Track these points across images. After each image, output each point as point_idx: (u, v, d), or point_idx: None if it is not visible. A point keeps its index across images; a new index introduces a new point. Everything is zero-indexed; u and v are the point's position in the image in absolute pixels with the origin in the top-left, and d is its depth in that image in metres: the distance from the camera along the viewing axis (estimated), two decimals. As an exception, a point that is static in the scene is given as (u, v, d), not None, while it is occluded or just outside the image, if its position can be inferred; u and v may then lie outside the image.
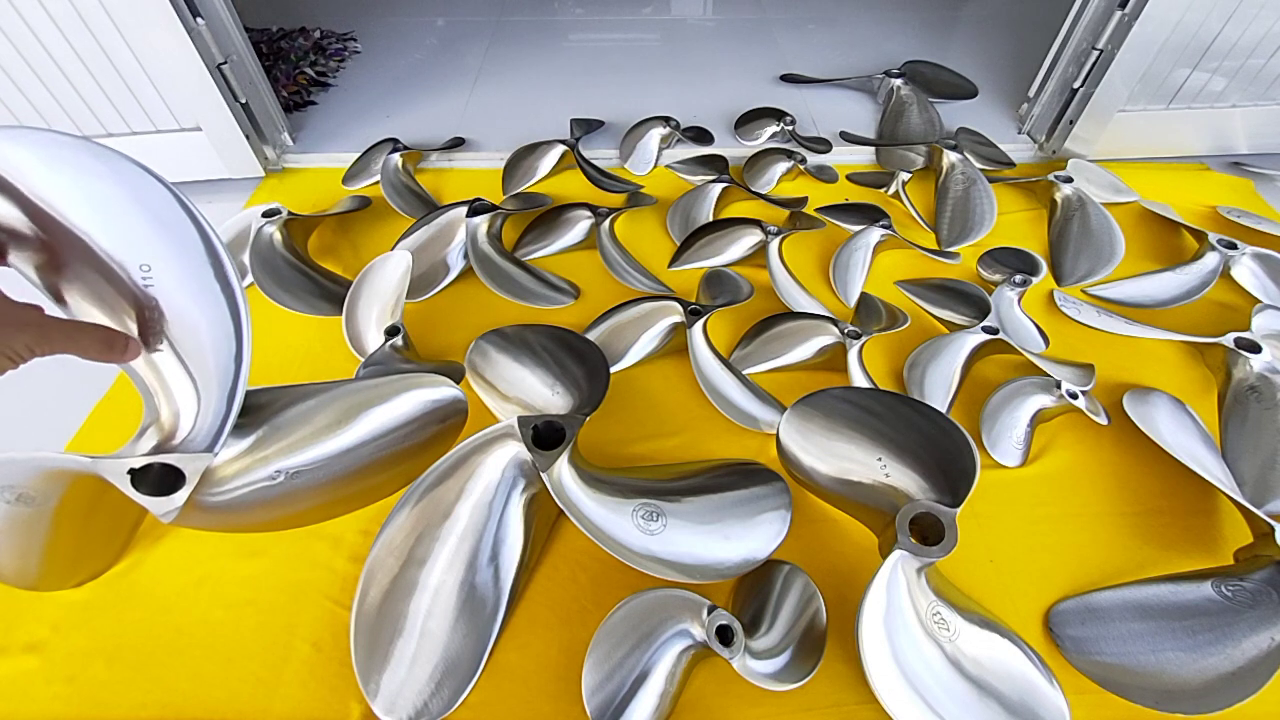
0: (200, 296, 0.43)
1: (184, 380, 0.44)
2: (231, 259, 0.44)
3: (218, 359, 0.44)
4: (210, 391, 0.44)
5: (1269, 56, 0.94)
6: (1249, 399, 0.68)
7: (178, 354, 0.44)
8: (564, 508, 0.51)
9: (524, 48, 1.43)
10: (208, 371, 0.44)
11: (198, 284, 0.43)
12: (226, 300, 0.43)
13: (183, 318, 0.43)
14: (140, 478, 0.43)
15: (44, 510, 0.48)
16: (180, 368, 0.44)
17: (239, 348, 0.44)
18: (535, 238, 0.91)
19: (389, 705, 0.49)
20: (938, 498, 0.51)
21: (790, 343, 0.74)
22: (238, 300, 0.44)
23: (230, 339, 0.44)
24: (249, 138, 1.00)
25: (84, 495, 0.48)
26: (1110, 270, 0.85)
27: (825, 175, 1.04)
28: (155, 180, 0.42)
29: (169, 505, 0.44)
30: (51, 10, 0.83)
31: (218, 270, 0.43)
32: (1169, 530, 0.61)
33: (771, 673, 0.48)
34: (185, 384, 0.44)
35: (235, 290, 0.44)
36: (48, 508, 0.48)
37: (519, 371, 0.67)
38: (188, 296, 0.43)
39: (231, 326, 0.44)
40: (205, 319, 0.44)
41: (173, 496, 0.44)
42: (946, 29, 1.49)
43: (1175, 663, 0.51)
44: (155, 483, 0.44)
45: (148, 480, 0.44)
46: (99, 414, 0.70)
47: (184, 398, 0.45)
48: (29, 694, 0.52)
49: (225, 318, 0.44)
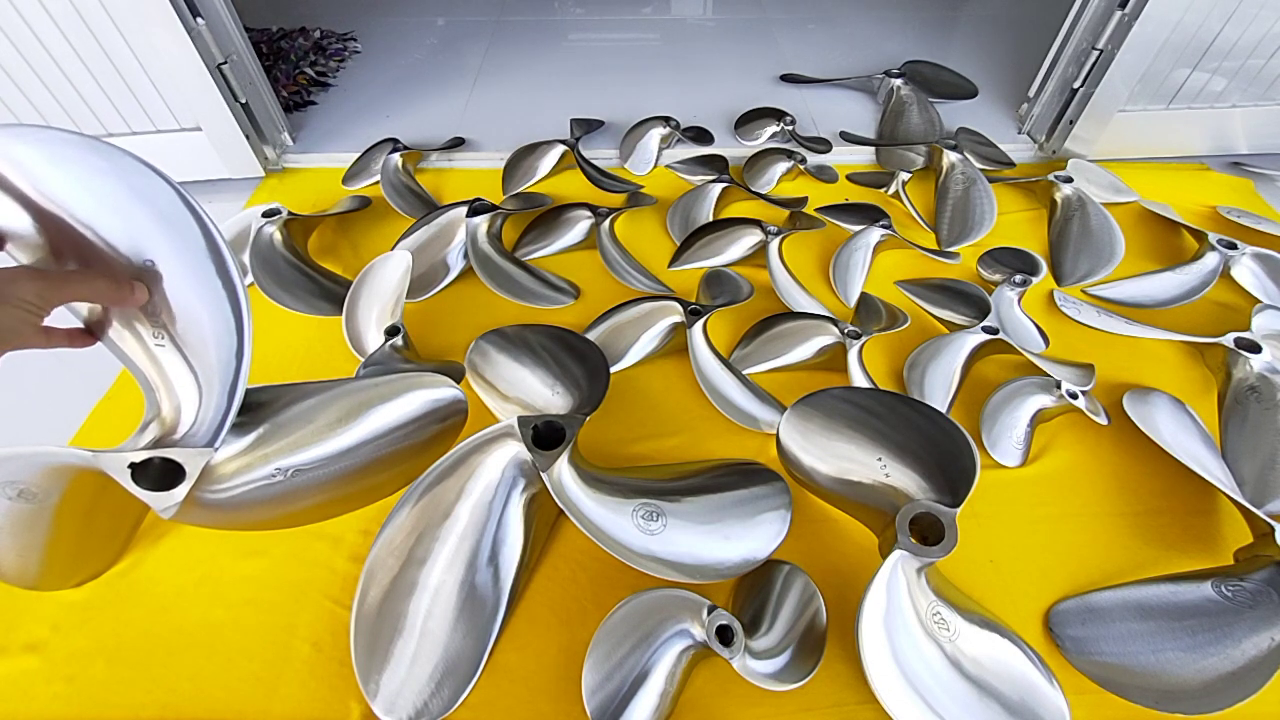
0: (203, 292, 0.43)
1: (186, 375, 0.44)
2: (234, 256, 0.44)
3: (219, 354, 0.44)
4: (212, 386, 0.44)
5: (1269, 56, 0.94)
6: (1249, 399, 0.68)
7: (180, 348, 0.44)
8: (564, 508, 0.51)
9: (524, 48, 1.43)
10: (210, 366, 0.44)
11: (200, 280, 0.43)
12: (229, 296, 0.44)
13: (185, 313, 0.44)
14: (141, 473, 0.43)
15: (45, 507, 0.48)
16: (182, 362, 0.44)
17: (240, 344, 0.44)
18: (535, 238, 0.91)
19: (389, 705, 0.49)
20: (938, 498, 0.51)
21: (790, 343, 0.74)
22: (239, 297, 0.44)
23: (232, 335, 0.44)
24: (249, 138, 1.00)
25: (85, 493, 0.48)
26: (1110, 270, 0.85)
27: (825, 175, 1.04)
28: (159, 177, 0.42)
29: (169, 500, 0.44)
30: (51, 10, 0.83)
31: (220, 267, 0.43)
32: (1169, 530, 0.61)
33: (771, 673, 0.48)
34: (187, 379, 0.44)
35: (237, 286, 0.44)
36: (48, 504, 0.48)
37: (519, 371, 0.67)
38: (190, 292, 0.43)
39: (233, 322, 0.44)
40: (207, 314, 0.44)
41: (173, 492, 0.44)
42: (946, 29, 1.49)
43: (1175, 663, 0.51)
44: (156, 478, 0.44)
45: (148, 475, 0.44)
46: (99, 413, 0.70)
47: (186, 393, 0.45)
48: (29, 694, 0.52)
49: (227, 313, 0.44)
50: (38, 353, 0.42)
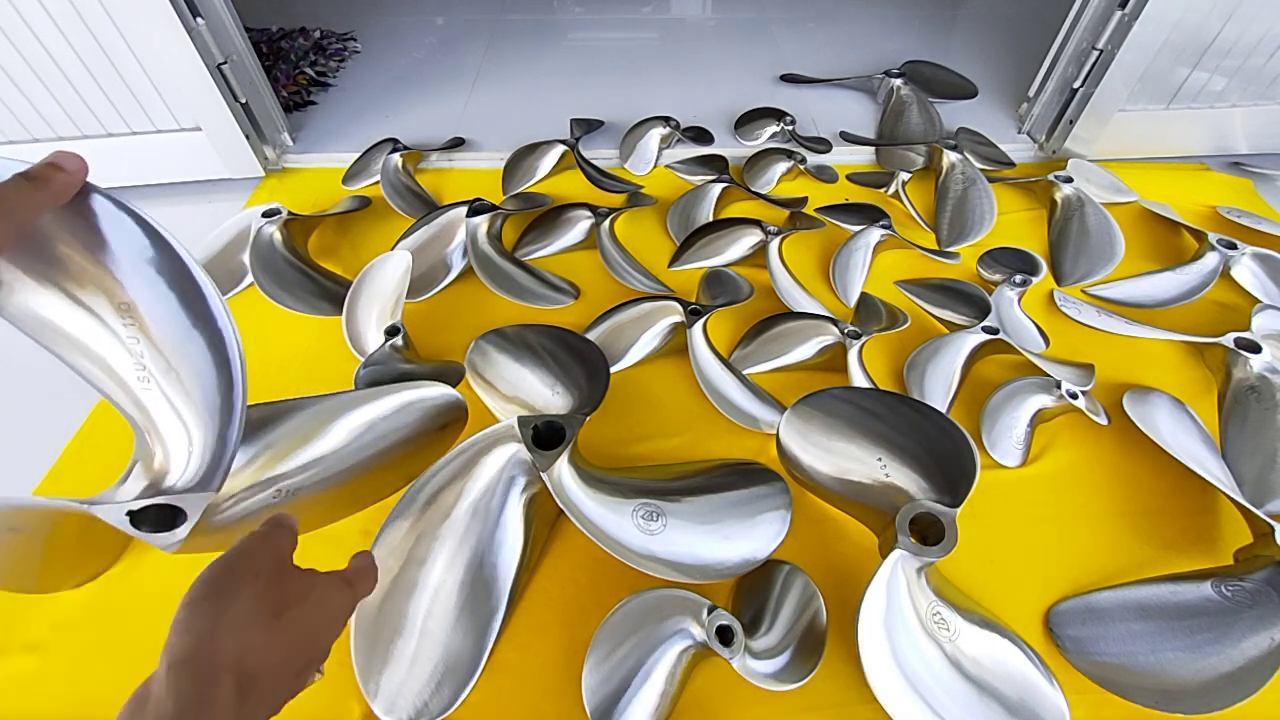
0: (187, 337, 0.41)
1: (173, 417, 0.42)
2: (220, 296, 0.41)
3: (207, 397, 0.42)
4: (205, 429, 0.43)
5: (1269, 56, 0.94)
6: (1249, 399, 0.68)
7: (165, 394, 0.42)
8: (564, 508, 0.51)
9: (524, 47, 1.43)
10: (198, 408, 0.42)
11: (183, 320, 0.41)
12: (216, 338, 0.41)
13: (171, 353, 0.41)
14: (139, 514, 0.43)
15: (36, 536, 0.48)
16: (169, 407, 0.42)
17: (232, 380, 0.42)
18: (535, 238, 0.91)
19: (389, 705, 0.49)
20: (938, 498, 0.51)
21: (790, 343, 0.74)
22: (226, 335, 0.41)
23: (221, 377, 0.42)
24: (249, 138, 1.00)
25: (77, 521, 0.47)
26: (1110, 270, 0.85)
27: (825, 175, 1.04)
28: (131, 218, 0.39)
29: (171, 539, 0.43)
30: (51, 10, 0.83)
31: (202, 305, 0.41)
32: (1169, 530, 0.61)
33: (772, 673, 0.48)
34: (175, 420, 0.42)
35: (222, 325, 0.41)
36: (40, 534, 0.48)
37: (519, 371, 0.67)
38: (174, 332, 0.41)
39: (222, 364, 0.41)
40: (194, 358, 0.41)
41: (175, 532, 0.43)
42: (946, 28, 1.49)
43: (1175, 663, 0.51)
44: (154, 517, 0.43)
45: (147, 517, 0.43)
46: (84, 433, 0.70)
47: (175, 435, 0.43)
48: (29, 694, 0.52)
49: (216, 357, 0.41)
50: (21, 372, 0.39)
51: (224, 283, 0.84)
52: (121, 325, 0.40)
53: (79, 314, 0.39)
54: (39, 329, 0.39)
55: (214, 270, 0.84)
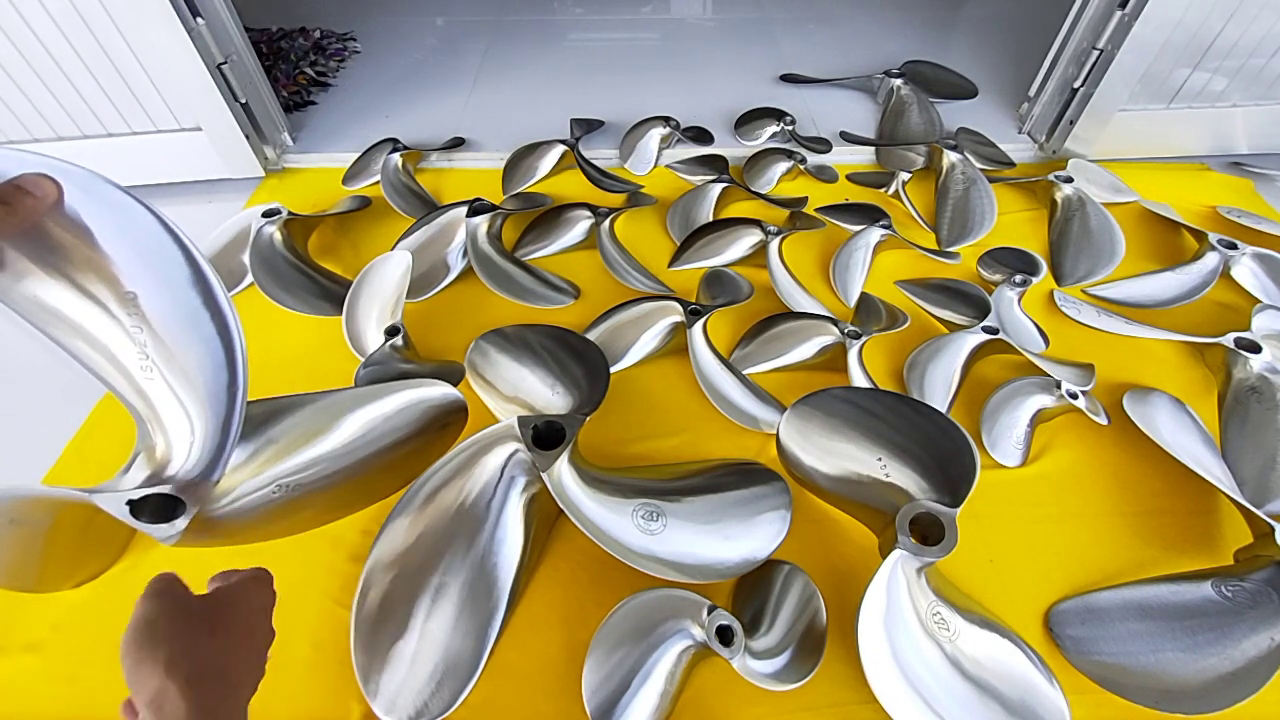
0: (191, 323, 0.41)
1: (177, 407, 0.43)
2: (223, 286, 0.42)
3: (211, 384, 0.42)
4: (206, 416, 0.43)
5: (1269, 56, 0.94)
6: (1249, 399, 0.68)
7: (169, 382, 0.42)
8: (564, 507, 0.51)
9: (524, 47, 1.43)
10: (201, 398, 0.42)
11: (187, 311, 0.41)
12: (218, 326, 0.42)
13: (174, 344, 0.41)
14: (139, 505, 0.43)
15: (38, 531, 0.48)
16: (172, 394, 0.42)
17: (233, 371, 0.42)
18: (535, 238, 0.91)
19: (389, 705, 0.49)
20: (938, 498, 0.51)
21: (790, 343, 0.74)
22: (230, 326, 0.42)
23: (223, 367, 0.42)
24: (249, 138, 1.00)
25: (78, 515, 0.48)
26: (1110, 270, 0.85)
27: (825, 175, 1.04)
28: (140, 205, 0.39)
29: (170, 530, 0.43)
30: (51, 10, 0.83)
31: (208, 296, 0.41)
32: (1169, 530, 0.61)
33: (771, 673, 0.48)
34: (178, 410, 0.43)
35: (226, 315, 0.42)
36: (41, 529, 0.48)
37: (519, 371, 0.67)
38: (178, 323, 0.41)
39: (224, 351, 0.42)
40: (197, 345, 0.42)
41: (175, 523, 0.43)
42: (946, 29, 1.49)
43: (1175, 663, 0.51)
44: (154, 509, 0.43)
45: (147, 507, 0.43)
46: (90, 425, 0.70)
47: (178, 425, 0.43)
48: (29, 694, 0.52)
49: (218, 344, 0.42)
50: (23, 372, 0.39)
51: (224, 283, 0.84)
52: (125, 314, 0.40)
53: (84, 302, 0.39)
54: (44, 317, 0.39)
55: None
